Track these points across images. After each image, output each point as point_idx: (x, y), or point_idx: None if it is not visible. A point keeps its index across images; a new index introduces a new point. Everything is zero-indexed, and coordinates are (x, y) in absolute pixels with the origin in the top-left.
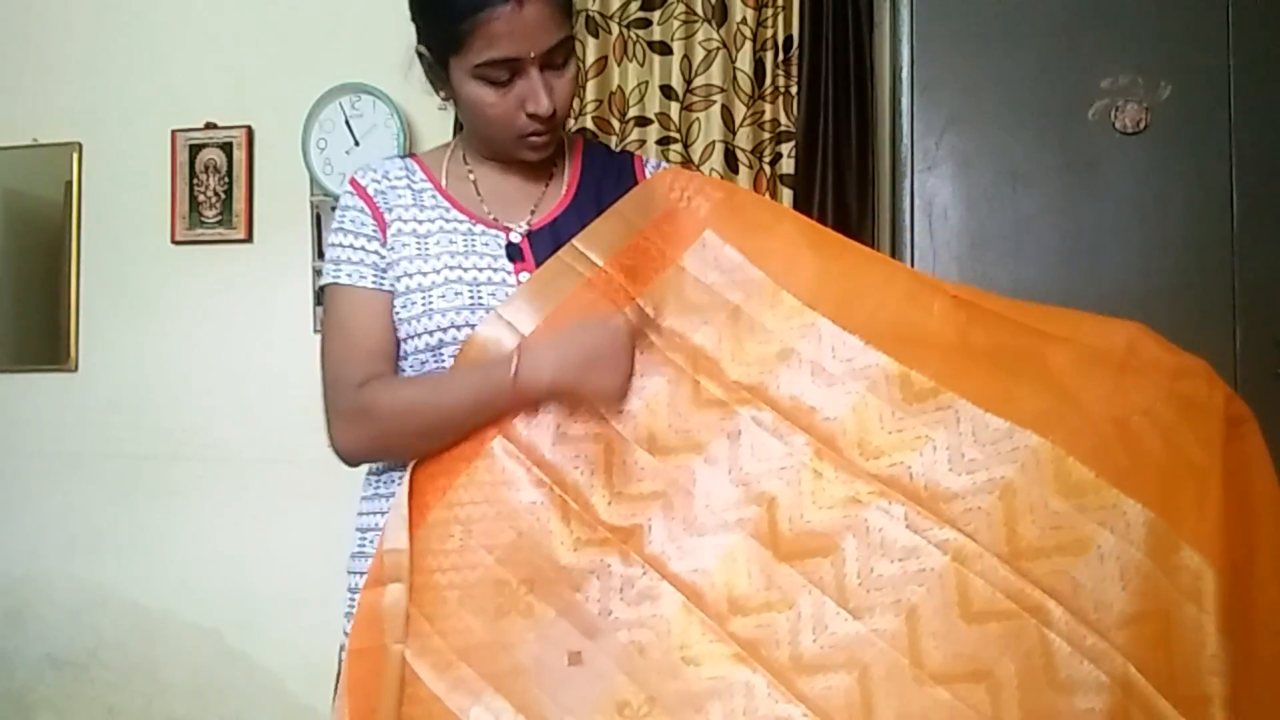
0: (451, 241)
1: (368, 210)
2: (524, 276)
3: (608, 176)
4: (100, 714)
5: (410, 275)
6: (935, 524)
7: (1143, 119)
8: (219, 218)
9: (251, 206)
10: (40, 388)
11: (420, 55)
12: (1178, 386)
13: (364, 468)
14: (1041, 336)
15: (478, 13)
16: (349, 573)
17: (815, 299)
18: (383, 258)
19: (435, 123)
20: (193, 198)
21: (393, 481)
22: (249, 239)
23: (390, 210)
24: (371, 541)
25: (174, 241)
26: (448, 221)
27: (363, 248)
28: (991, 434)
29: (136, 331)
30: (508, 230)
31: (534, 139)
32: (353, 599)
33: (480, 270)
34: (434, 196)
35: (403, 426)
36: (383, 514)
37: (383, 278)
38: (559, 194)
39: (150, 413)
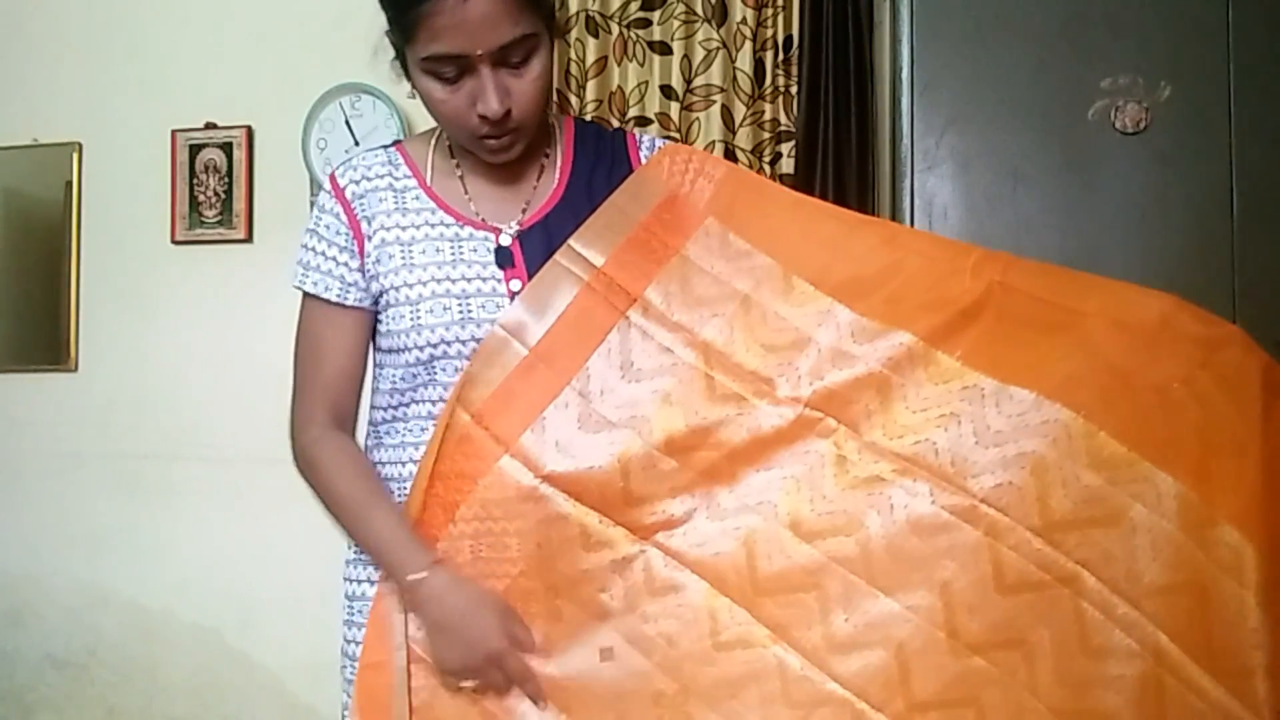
0: (438, 250)
1: (344, 218)
2: (515, 284)
3: (601, 162)
4: (100, 714)
5: (396, 288)
6: (964, 499)
7: (1143, 119)
8: (219, 218)
9: (251, 206)
10: (40, 388)
11: (390, 40)
12: (1215, 357)
13: None
14: (1075, 314)
15: (419, 5)
16: (345, 579)
17: (829, 283)
18: (353, 270)
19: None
20: (193, 198)
21: (389, 493)
22: (249, 239)
23: (371, 219)
24: None
25: (174, 241)
26: (433, 226)
27: (333, 258)
28: (1016, 405)
29: (136, 331)
30: (497, 231)
31: (489, 141)
32: (350, 606)
33: (469, 281)
34: (418, 197)
35: (325, 503)
36: None
37: (348, 292)
38: (550, 187)
39: (150, 413)
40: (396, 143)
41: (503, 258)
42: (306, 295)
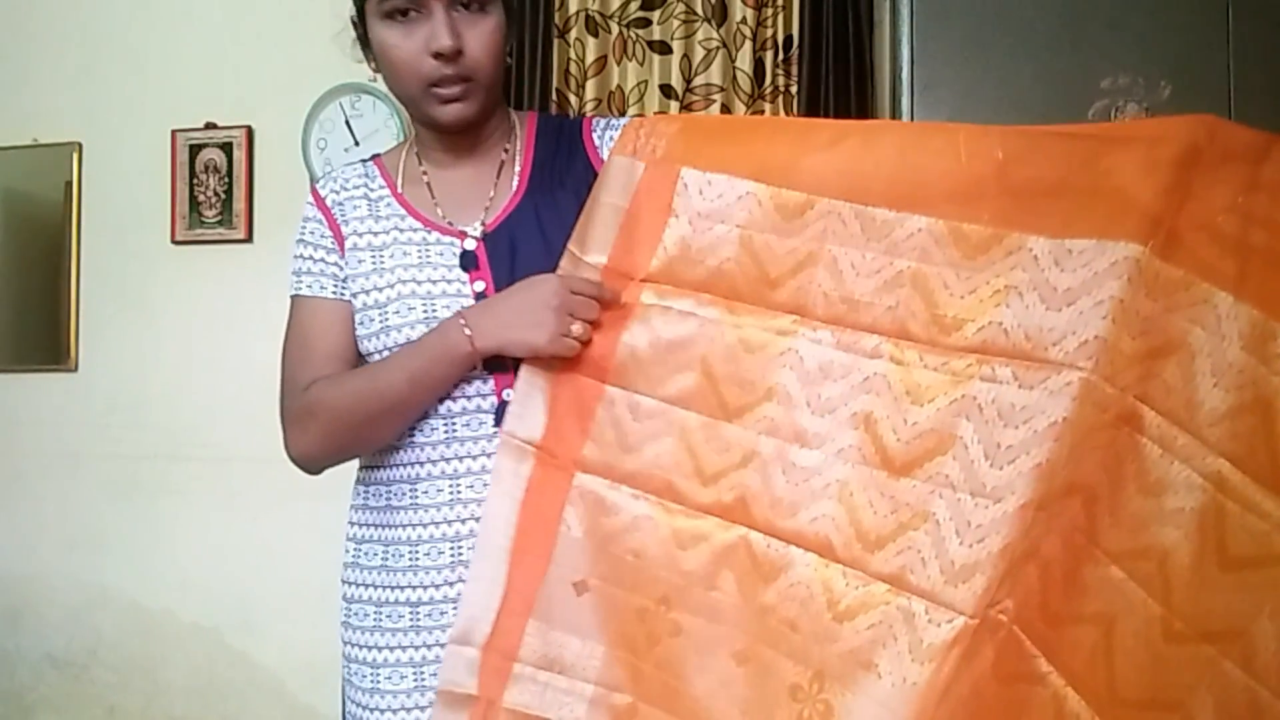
0: (406, 254)
1: (324, 221)
2: (478, 285)
3: (559, 153)
4: (100, 714)
5: (367, 291)
6: (1052, 372)
7: (1142, 119)
8: (219, 218)
9: (251, 206)
10: (40, 388)
11: (354, 24)
12: (1261, 172)
13: (352, 476)
14: (1096, 142)
15: None
16: (344, 582)
17: (821, 185)
18: (341, 269)
19: None
20: (193, 198)
21: (380, 495)
22: (249, 239)
23: (347, 223)
24: (365, 553)
25: (174, 241)
26: (402, 231)
27: (322, 259)
28: (1079, 257)
29: (136, 331)
30: (463, 235)
31: (441, 89)
32: (348, 609)
33: (434, 283)
34: (390, 204)
35: (347, 420)
36: (375, 525)
37: (343, 288)
38: (511, 188)
39: (150, 413)
40: (375, 157)
41: (467, 261)
42: (297, 300)
